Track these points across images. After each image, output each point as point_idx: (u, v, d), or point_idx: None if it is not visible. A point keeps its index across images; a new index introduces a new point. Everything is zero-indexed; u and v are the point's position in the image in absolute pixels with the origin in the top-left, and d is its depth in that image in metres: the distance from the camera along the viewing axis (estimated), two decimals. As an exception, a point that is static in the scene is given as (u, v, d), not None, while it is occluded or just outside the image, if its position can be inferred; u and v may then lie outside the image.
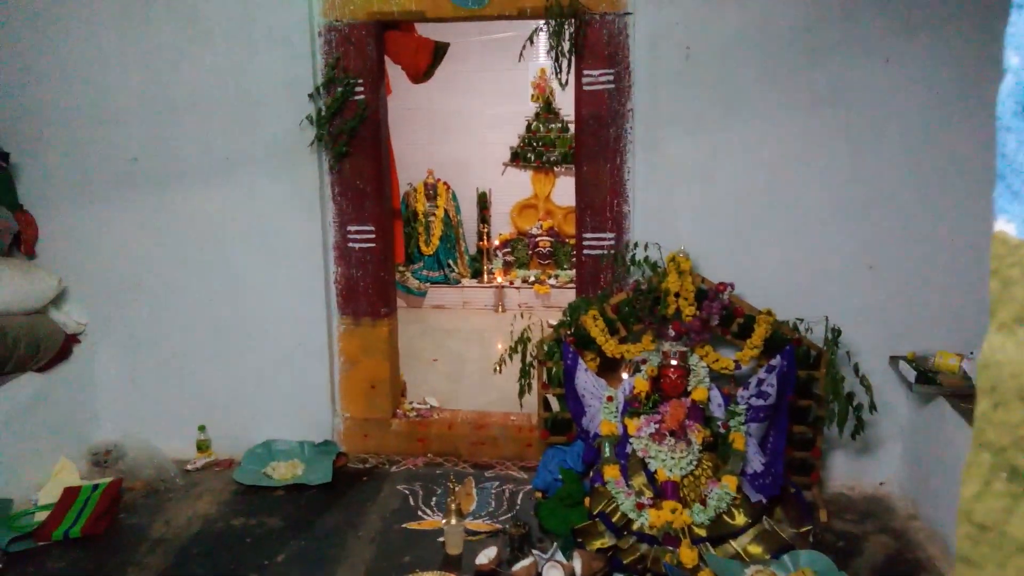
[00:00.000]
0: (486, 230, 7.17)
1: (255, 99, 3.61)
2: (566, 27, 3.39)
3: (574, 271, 6.15)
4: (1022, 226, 0.57)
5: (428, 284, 6.97)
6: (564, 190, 7.15)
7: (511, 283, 6.91)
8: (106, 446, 3.81)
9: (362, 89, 3.60)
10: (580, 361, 3.41)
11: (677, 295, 3.32)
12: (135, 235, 3.79)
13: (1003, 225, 0.58)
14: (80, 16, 3.60)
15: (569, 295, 5.29)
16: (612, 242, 3.57)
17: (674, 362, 3.24)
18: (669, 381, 3.23)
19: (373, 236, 3.77)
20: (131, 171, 3.72)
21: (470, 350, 5.66)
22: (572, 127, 6.62)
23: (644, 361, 3.36)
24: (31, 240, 3.79)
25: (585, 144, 3.55)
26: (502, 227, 7.39)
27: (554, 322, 3.62)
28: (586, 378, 3.40)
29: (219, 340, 3.85)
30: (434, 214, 7.15)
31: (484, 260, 7.10)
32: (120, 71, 3.64)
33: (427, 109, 7.06)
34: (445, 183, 7.22)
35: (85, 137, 3.71)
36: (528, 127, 7.14)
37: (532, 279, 6.90)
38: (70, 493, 3.36)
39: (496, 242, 7.24)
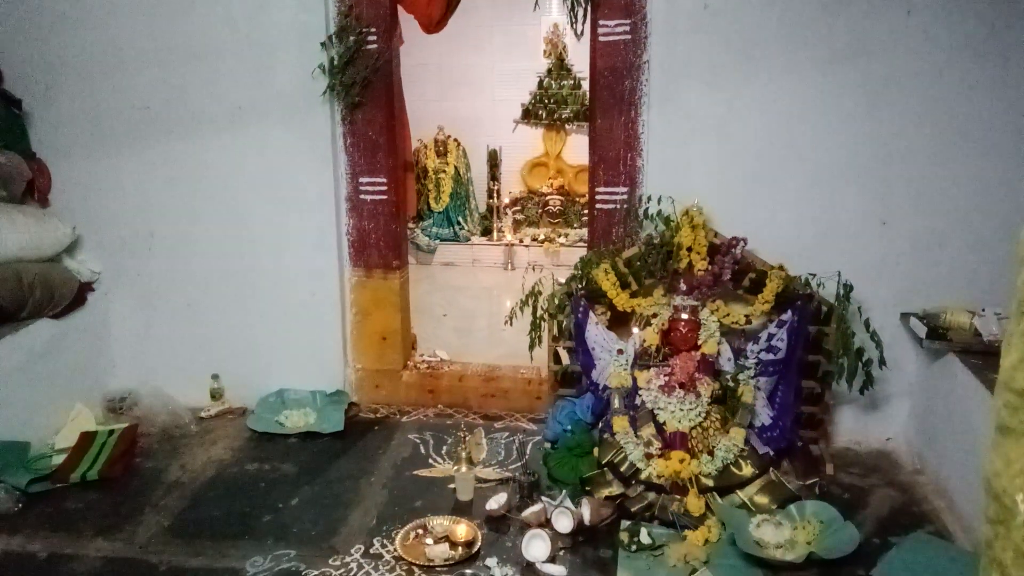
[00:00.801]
0: (496, 188, 7.15)
1: (267, 47, 3.57)
2: (582, -25, 3.34)
3: (584, 230, 6.16)
4: None
5: (438, 241, 6.97)
6: (575, 148, 7.09)
7: (520, 241, 6.91)
8: (121, 393, 3.86)
9: (375, 38, 3.56)
10: (591, 315, 3.42)
11: (690, 249, 3.31)
12: (148, 184, 3.79)
13: None
14: (91, -39, 3.57)
15: (578, 254, 5.28)
16: (625, 196, 3.56)
17: (685, 316, 3.24)
18: (679, 335, 3.24)
19: (385, 188, 3.76)
20: (143, 119, 3.71)
21: (480, 306, 5.68)
22: (584, 84, 6.56)
23: (655, 315, 3.37)
24: (44, 189, 3.79)
25: (600, 97, 3.51)
26: (512, 185, 7.35)
27: (563, 280, 3.62)
28: (597, 331, 3.41)
29: (233, 289, 3.87)
30: (444, 171, 7.12)
31: (494, 218, 7.09)
32: (131, 18, 3.60)
33: (437, 64, 6.98)
34: (455, 140, 7.18)
35: (97, 85, 3.69)
36: (540, 84, 7.07)
37: (542, 237, 6.89)
38: (86, 437, 3.42)
39: (506, 200, 7.22)
